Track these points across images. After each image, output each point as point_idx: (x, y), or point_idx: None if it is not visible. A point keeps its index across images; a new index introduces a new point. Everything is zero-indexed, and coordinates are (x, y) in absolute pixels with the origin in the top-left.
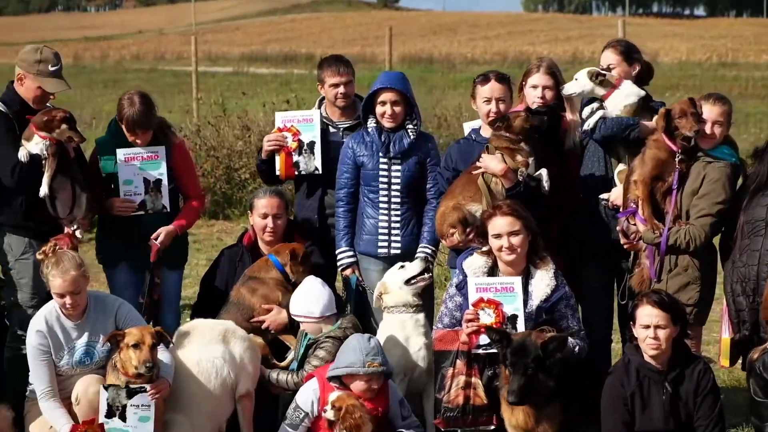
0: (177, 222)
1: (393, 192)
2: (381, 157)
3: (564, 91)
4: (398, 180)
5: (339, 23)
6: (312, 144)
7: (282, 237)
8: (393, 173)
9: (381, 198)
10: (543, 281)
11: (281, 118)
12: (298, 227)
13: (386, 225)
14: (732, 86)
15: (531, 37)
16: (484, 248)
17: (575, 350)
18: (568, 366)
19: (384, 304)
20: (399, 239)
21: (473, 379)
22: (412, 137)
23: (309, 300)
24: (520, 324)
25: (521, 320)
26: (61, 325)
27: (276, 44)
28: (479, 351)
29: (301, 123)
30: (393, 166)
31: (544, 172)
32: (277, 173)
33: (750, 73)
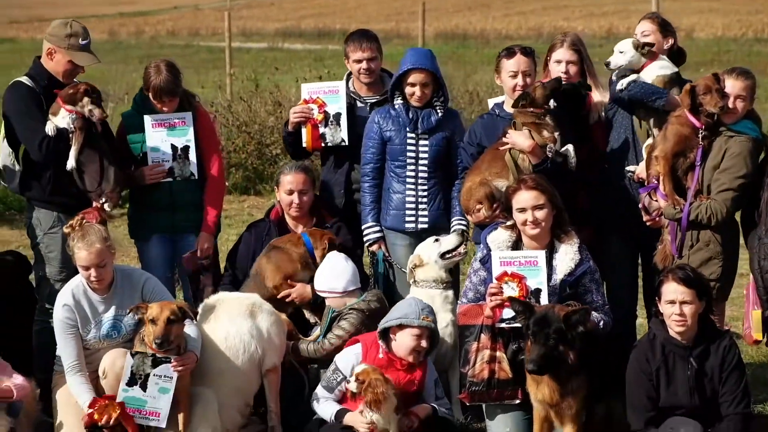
0: (209, 218)
1: (420, 167)
2: (408, 133)
3: (612, 66)
4: (426, 155)
5: None
6: (338, 115)
7: (308, 212)
8: (420, 148)
9: (408, 173)
10: (567, 255)
11: (307, 90)
12: (325, 202)
13: (413, 200)
14: None
15: (566, 13)
16: (509, 222)
17: (600, 324)
18: (593, 340)
19: (415, 277)
20: (426, 214)
21: (498, 353)
22: (440, 114)
23: (332, 275)
24: (544, 298)
25: (545, 294)
26: (88, 299)
27: (310, 20)
28: (503, 325)
29: (327, 94)
30: (420, 141)
31: (571, 148)
32: (304, 145)
33: None
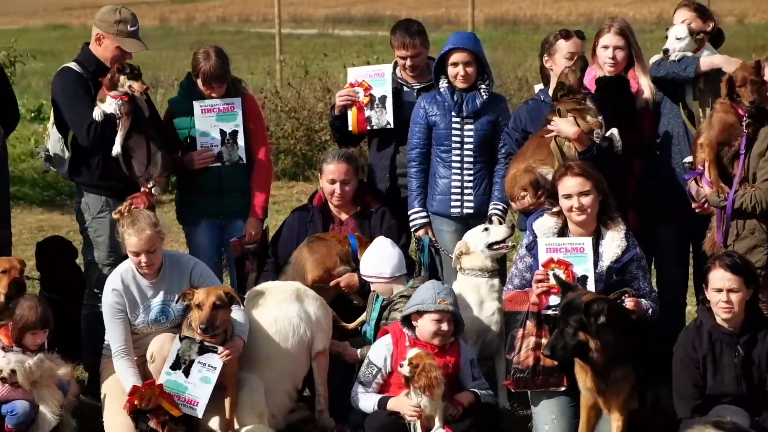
0: (257, 203)
1: (465, 151)
2: (453, 117)
3: (671, 52)
4: (471, 139)
5: None
6: (383, 98)
7: (351, 200)
8: (465, 132)
9: (453, 157)
10: (614, 242)
11: (353, 74)
12: (371, 188)
13: (459, 184)
14: None
15: None
16: (555, 209)
17: (648, 312)
18: (641, 328)
19: (461, 265)
20: (472, 198)
21: (543, 340)
22: (485, 97)
23: (380, 260)
24: (590, 285)
25: (591, 281)
26: (137, 284)
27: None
28: (549, 312)
29: (373, 78)
30: (465, 126)
31: (615, 132)
32: (350, 128)
33: None
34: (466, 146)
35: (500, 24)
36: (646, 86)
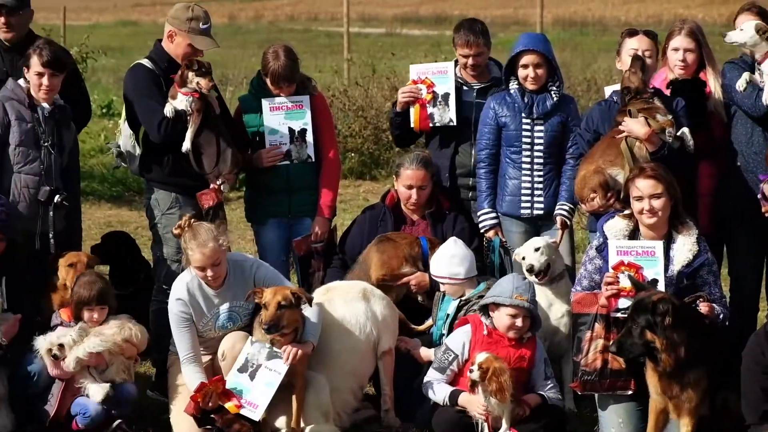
0: (325, 202)
1: (536, 153)
2: (524, 118)
3: (726, 39)
4: (541, 140)
5: None
6: (446, 95)
7: (425, 204)
8: (536, 134)
9: (524, 159)
10: (685, 246)
11: (416, 71)
12: (443, 189)
13: (529, 186)
14: None
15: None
16: (626, 211)
17: (719, 317)
18: (712, 333)
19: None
20: (542, 200)
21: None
22: (555, 98)
23: (453, 262)
24: (660, 289)
25: (661, 285)
26: (203, 293)
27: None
28: (618, 315)
29: (436, 75)
30: (536, 127)
31: (687, 131)
32: (412, 125)
33: None
34: (536, 147)
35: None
36: (717, 88)
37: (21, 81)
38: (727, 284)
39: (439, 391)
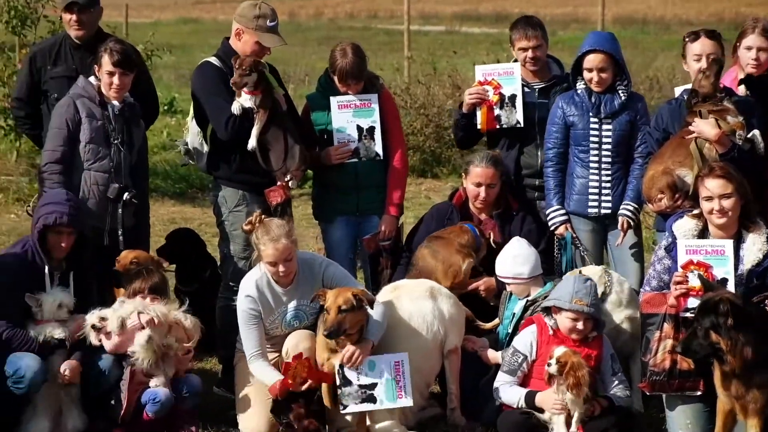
0: (393, 200)
1: (603, 151)
2: (591, 118)
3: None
4: (609, 140)
5: None
6: (513, 97)
7: (493, 204)
8: (604, 133)
9: (591, 158)
10: (755, 245)
11: (482, 72)
12: (512, 188)
13: (596, 185)
14: None
15: None
16: (695, 211)
17: None
18: None
19: None
20: (609, 198)
21: None
22: (623, 98)
23: (517, 261)
24: (730, 288)
25: (731, 284)
26: (272, 291)
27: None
28: (687, 314)
29: (502, 76)
30: (604, 126)
31: (757, 133)
32: (478, 127)
33: None
34: (604, 146)
35: (629, 23)
36: None
37: (92, 78)
38: None
39: (513, 394)
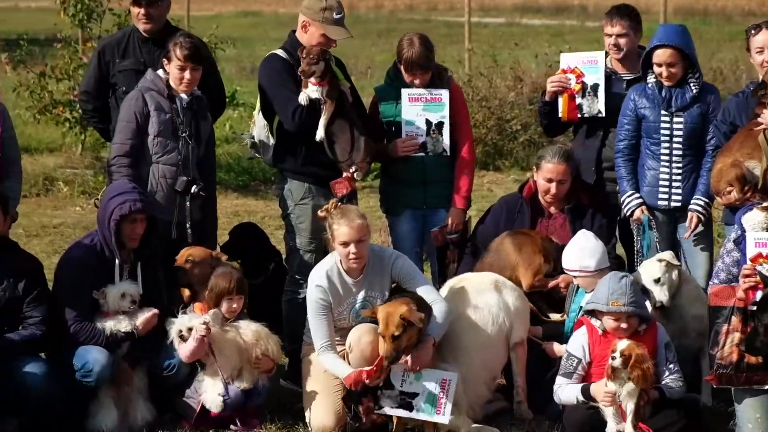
0: (461, 193)
1: (675, 144)
2: (662, 111)
3: None
4: (680, 132)
5: None
6: (596, 86)
7: (564, 198)
8: (675, 126)
9: (662, 150)
10: None
11: (566, 60)
12: (585, 184)
13: (667, 177)
14: None
15: None
16: (765, 203)
17: None
18: None
19: None
20: (680, 191)
21: None
22: (694, 91)
23: (584, 254)
24: None
25: None
26: (342, 281)
27: None
28: (755, 308)
29: (585, 65)
30: (675, 119)
31: None
32: (560, 115)
33: None
34: (675, 139)
35: (690, 14)
36: None
37: (160, 72)
38: None
39: (570, 392)
